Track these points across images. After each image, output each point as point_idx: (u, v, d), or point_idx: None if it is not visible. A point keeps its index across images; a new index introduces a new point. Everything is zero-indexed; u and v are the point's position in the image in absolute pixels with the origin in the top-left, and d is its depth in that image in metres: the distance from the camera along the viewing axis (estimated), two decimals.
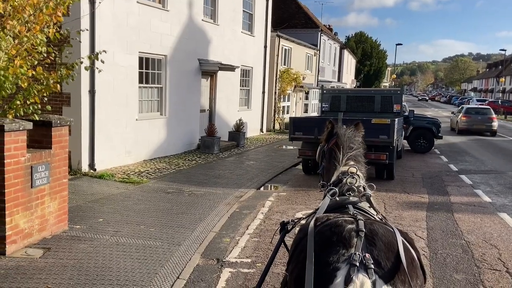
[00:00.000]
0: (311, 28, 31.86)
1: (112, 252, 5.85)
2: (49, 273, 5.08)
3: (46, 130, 6.22)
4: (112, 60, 11.16)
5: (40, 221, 6.07)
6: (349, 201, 2.54)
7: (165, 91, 13.45)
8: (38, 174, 5.93)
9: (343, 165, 2.87)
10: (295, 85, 25.64)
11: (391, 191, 10.32)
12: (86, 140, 10.57)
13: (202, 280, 5.27)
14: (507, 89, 71.35)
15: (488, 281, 5.45)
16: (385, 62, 62.69)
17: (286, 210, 8.50)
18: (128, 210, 7.92)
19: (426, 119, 18.85)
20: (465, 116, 26.22)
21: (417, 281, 1.95)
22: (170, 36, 13.49)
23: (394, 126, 10.72)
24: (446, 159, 15.90)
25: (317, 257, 1.95)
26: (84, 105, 10.45)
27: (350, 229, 2.02)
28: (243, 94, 19.89)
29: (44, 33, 5.84)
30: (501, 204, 9.45)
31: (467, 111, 26.93)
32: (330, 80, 37.21)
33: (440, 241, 6.93)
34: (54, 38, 6.00)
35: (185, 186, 9.89)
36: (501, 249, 6.61)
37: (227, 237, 6.84)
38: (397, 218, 8.15)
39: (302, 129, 11.59)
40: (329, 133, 3.21)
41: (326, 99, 14.26)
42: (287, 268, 2.24)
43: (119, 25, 11.34)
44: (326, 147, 3.20)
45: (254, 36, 20.07)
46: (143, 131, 12.53)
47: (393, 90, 15.06)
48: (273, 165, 13.49)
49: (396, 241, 2.02)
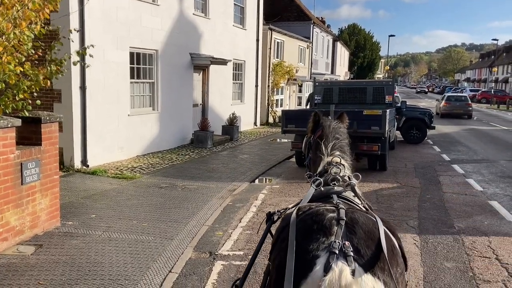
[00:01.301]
0: (303, 21, 31.81)
1: (105, 247, 5.86)
2: (40, 269, 5.08)
3: (35, 127, 6.20)
4: (103, 56, 11.13)
5: (31, 218, 6.06)
6: (334, 190, 2.55)
7: (157, 86, 13.41)
8: (28, 171, 5.92)
9: (328, 155, 2.89)
10: (288, 78, 25.62)
11: (383, 182, 10.37)
12: (78, 136, 10.54)
13: (194, 273, 5.29)
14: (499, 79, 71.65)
15: (478, 268, 5.51)
16: (379, 54, 62.74)
17: (279, 202, 8.52)
18: (121, 205, 7.92)
19: (419, 110, 18.93)
20: (446, 102, 31.13)
21: (397, 268, 1.96)
22: (161, 30, 13.43)
23: (385, 117, 10.76)
24: (438, 149, 15.98)
25: (298, 246, 1.96)
26: (75, 101, 10.41)
27: (331, 218, 2.03)
28: (236, 87, 19.86)
29: (30, 29, 5.80)
30: (492, 193, 9.52)
31: (448, 99, 31.90)
32: (324, 72, 37.21)
33: (431, 230, 6.99)
34: (40, 34, 5.95)
35: (178, 181, 9.90)
36: (491, 237, 6.67)
37: (219, 231, 6.86)
38: (389, 208, 8.20)
39: (294, 122, 11.61)
40: (314, 124, 3.22)
41: (319, 92, 14.27)
42: (269, 257, 2.26)
43: (109, 21, 11.28)
44: (312, 139, 3.21)
45: (246, 30, 20.01)
46: (136, 127, 12.50)
47: (385, 82, 15.11)
48: (267, 158, 13.51)
49: (377, 229, 2.03)
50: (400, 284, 1.95)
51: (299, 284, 1.87)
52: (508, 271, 5.45)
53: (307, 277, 1.86)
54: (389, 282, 1.88)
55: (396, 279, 1.92)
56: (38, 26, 5.85)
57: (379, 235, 2.01)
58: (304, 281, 1.85)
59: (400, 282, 1.95)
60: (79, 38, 10.12)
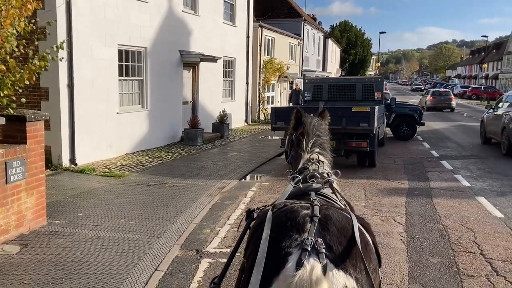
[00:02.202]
0: (294, 18, 31.81)
1: (91, 246, 5.84)
2: (25, 269, 5.06)
3: (20, 125, 6.15)
4: (91, 53, 11.07)
5: (16, 217, 6.02)
6: (312, 188, 2.56)
7: (146, 84, 13.35)
8: (13, 170, 5.87)
9: (308, 152, 2.89)
10: (279, 75, 25.64)
11: (372, 178, 10.42)
12: (66, 134, 10.47)
13: (180, 271, 5.29)
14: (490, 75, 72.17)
15: (462, 264, 5.55)
16: (370, 50, 62.85)
17: (268, 199, 8.52)
18: (109, 204, 7.89)
19: (408, 106, 19.00)
20: (432, 97, 33.99)
21: (370, 265, 1.97)
22: (149, 28, 13.37)
23: (374, 114, 10.79)
24: (428, 145, 16.08)
25: (271, 243, 1.97)
26: (63, 99, 10.34)
27: (304, 215, 2.04)
28: (227, 85, 19.83)
29: (14, 26, 5.75)
30: (479, 188, 9.60)
31: (433, 93, 34.84)
32: (315, 69, 37.24)
33: (418, 226, 7.04)
34: (24, 33, 5.91)
35: (167, 179, 9.87)
36: (476, 232, 6.73)
37: (207, 228, 6.86)
38: (377, 204, 8.24)
39: (284, 119, 11.60)
40: (296, 122, 3.22)
41: (308, 89, 14.30)
42: (244, 254, 2.26)
43: (97, 18, 11.20)
44: (294, 136, 3.22)
45: (236, 27, 19.97)
46: (125, 125, 12.44)
47: (374, 78, 15.16)
48: (257, 155, 13.51)
49: (350, 226, 2.04)
50: (373, 281, 1.96)
51: (271, 281, 1.88)
52: (492, 266, 5.50)
53: (279, 274, 1.87)
54: (361, 279, 1.89)
55: (368, 276, 1.93)
56: (21, 23, 5.80)
57: (352, 232, 2.02)
58: (276, 278, 1.86)
59: (373, 279, 1.96)
60: (67, 35, 10.05)
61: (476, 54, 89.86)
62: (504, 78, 64.03)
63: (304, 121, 3.11)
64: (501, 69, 65.98)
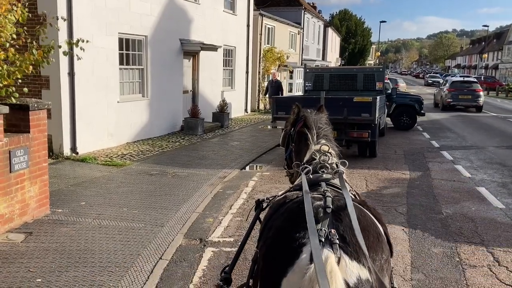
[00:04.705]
0: (294, 6, 31.60)
1: (95, 235, 5.86)
2: (30, 257, 5.08)
3: (23, 114, 6.14)
4: (92, 42, 10.91)
5: (20, 206, 6.04)
6: (322, 178, 2.57)
7: (146, 73, 13.30)
8: (17, 159, 5.87)
9: (315, 144, 2.90)
10: (279, 64, 25.52)
11: (373, 168, 10.44)
12: (67, 123, 10.45)
13: (185, 260, 5.32)
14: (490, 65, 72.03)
15: (464, 254, 5.60)
16: (370, 40, 62.67)
17: (269, 189, 8.56)
18: (111, 193, 7.91)
19: (409, 97, 19.01)
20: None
21: (382, 255, 1.99)
22: (150, 16, 13.28)
23: (376, 104, 10.78)
24: (428, 135, 16.10)
25: (285, 234, 1.98)
26: (64, 88, 10.30)
27: (317, 206, 2.05)
28: (227, 74, 19.76)
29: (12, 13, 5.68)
30: (480, 179, 9.64)
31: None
32: (315, 58, 37.11)
33: (420, 216, 7.07)
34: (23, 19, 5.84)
35: (168, 168, 9.89)
36: (477, 223, 6.77)
37: (210, 217, 6.89)
38: (378, 194, 8.27)
39: (285, 109, 11.57)
40: (295, 117, 3.22)
41: (309, 78, 14.26)
42: (257, 244, 2.28)
43: (97, 6, 11.12)
44: (293, 131, 3.21)
45: (236, 15, 19.84)
46: (125, 114, 12.42)
47: (375, 68, 15.11)
48: (257, 145, 13.52)
49: (362, 217, 2.06)
50: (385, 271, 1.98)
51: (286, 271, 1.89)
52: (494, 256, 5.54)
53: (293, 265, 1.88)
54: (374, 269, 1.91)
55: (381, 266, 1.95)
56: (18, 9, 5.73)
57: (365, 223, 2.03)
58: (290, 268, 1.87)
59: (385, 269, 1.98)
60: (67, 24, 9.97)
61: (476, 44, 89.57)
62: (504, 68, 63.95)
63: (305, 115, 3.12)
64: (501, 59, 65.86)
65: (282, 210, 2.20)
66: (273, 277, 1.94)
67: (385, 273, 1.97)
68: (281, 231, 2.05)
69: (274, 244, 2.06)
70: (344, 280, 1.80)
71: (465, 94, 25.62)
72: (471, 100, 25.64)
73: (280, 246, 1.97)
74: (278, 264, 1.94)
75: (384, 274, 1.96)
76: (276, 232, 2.09)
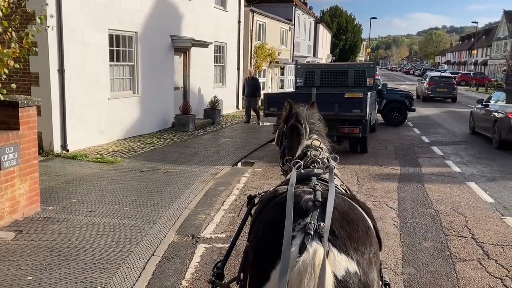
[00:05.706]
0: (285, 3, 31.60)
1: (86, 232, 5.84)
2: (21, 255, 5.05)
3: (12, 111, 6.08)
4: (81, 37, 10.91)
5: (10, 204, 5.99)
6: (313, 173, 2.58)
7: (137, 69, 13.22)
8: (6, 156, 5.82)
9: (306, 139, 2.91)
10: (270, 61, 25.51)
11: (364, 164, 10.50)
12: (57, 120, 10.37)
13: (177, 256, 5.32)
14: (479, 61, 72.56)
15: (454, 247, 5.66)
16: (360, 36, 62.80)
17: (261, 185, 8.57)
18: (102, 190, 7.87)
19: (399, 93, 19.13)
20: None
21: (371, 248, 2.01)
22: (140, 12, 13.19)
23: (366, 100, 10.83)
24: (418, 131, 16.21)
25: (275, 227, 1.99)
26: (53, 84, 10.21)
27: (307, 199, 2.07)
28: (218, 70, 19.72)
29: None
30: (469, 174, 9.73)
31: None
32: (306, 55, 37.14)
33: (410, 211, 7.13)
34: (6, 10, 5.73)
35: (160, 165, 9.86)
36: (467, 217, 6.84)
37: (202, 214, 6.89)
38: (369, 190, 8.32)
39: (276, 105, 11.59)
40: (287, 113, 3.23)
41: (300, 75, 14.28)
42: (248, 238, 2.29)
43: (87, 2, 11.03)
44: (286, 128, 3.23)
45: (227, 11, 19.79)
46: (116, 110, 12.35)
47: (366, 64, 15.17)
48: (249, 141, 13.52)
49: (351, 211, 2.08)
50: (374, 264, 1.99)
51: (274, 264, 1.90)
52: (483, 249, 5.61)
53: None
54: (362, 262, 1.93)
55: (369, 259, 1.97)
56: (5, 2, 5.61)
57: (354, 217, 2.05)
58: (279, 261, 1.88)
59: (374, 262, 2.00)
60: (56, 19, 9.88)
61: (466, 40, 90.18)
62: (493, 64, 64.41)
63: (297, 110, 3.13)
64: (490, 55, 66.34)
65: (272, 203, 2.21)
66: (262, 270, 1.95)
67: (373, 266, 1.98)
68: (271, 224, 2.07)
69: (264, 237, 2.07)
70: (333, 273, 1.82)
71: (442, 88, 29.47)
72: (447, 92, 29.53)
73: (270, 239, 1.99)
74: (267, 257, 1.95)
75: (373, 267, 1.98)
76: (266, 225, 2.10)
